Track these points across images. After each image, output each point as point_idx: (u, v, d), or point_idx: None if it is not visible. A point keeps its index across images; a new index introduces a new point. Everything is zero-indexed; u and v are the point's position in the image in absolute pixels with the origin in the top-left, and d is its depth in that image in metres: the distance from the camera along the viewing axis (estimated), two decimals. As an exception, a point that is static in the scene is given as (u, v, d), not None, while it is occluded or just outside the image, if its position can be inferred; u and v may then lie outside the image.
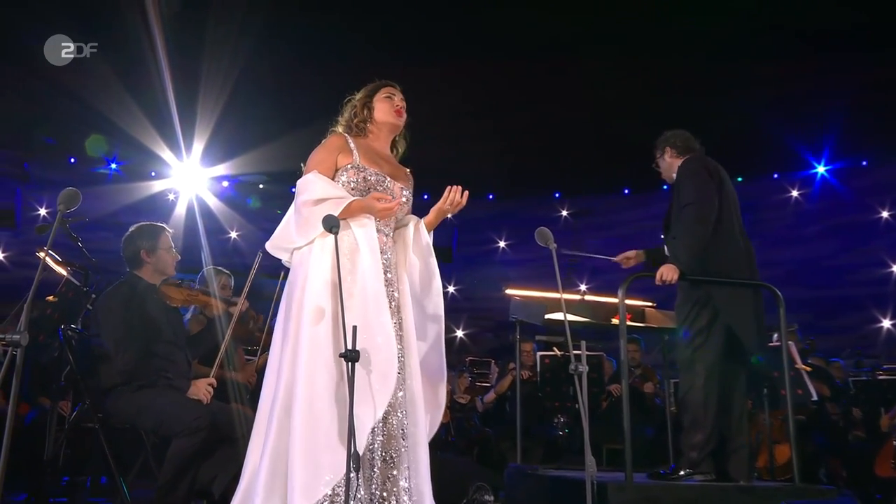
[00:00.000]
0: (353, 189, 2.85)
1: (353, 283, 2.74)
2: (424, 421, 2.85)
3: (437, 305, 2.99)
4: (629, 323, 4.48)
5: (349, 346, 2.44)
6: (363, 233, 2.80)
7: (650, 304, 4.76)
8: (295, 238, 2.82)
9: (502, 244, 12.62)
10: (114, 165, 11.30)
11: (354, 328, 2.47)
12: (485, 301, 11.67)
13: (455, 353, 10.81)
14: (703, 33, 8.58)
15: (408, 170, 3.16)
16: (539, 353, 5.66)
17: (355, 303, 2.70)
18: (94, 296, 3.94)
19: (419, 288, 2.97)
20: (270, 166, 10.96)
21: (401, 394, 2.76)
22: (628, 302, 4.80)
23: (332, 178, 2.87)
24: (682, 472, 3.72)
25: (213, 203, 11.58)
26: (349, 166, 2.88)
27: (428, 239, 3.02)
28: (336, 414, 2.56)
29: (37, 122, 10.39)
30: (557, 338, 5.48)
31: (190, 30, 8.98)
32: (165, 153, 10.91)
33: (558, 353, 5.53)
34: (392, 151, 3.16)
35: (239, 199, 12.06)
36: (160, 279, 3.79)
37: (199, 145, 10.85)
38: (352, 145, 2.93)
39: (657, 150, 4.29)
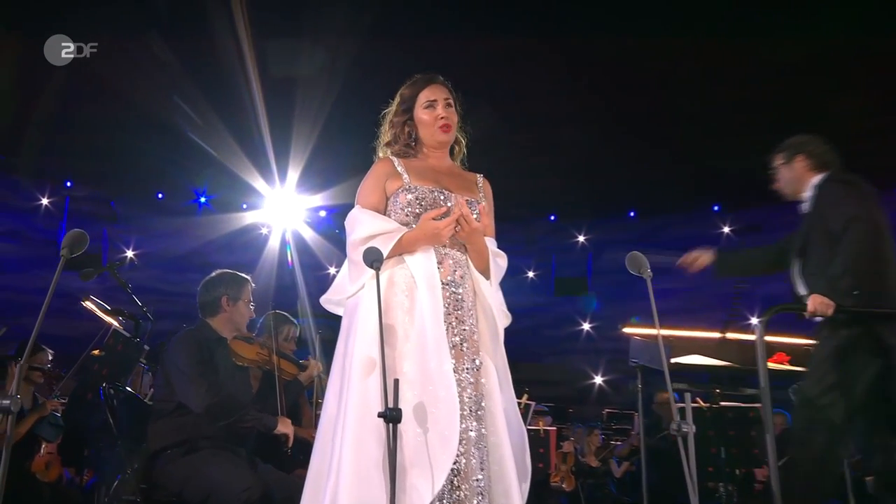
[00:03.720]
0: (408, 215, 2.80)
1: (411, 324, 2.66)
2: (518, 489, 2.71)
3: (503, 354, 2.86)
4: (787, 367, 4.14)
5: (390, 404, 2.36)
6: (420, 265, 2.72)
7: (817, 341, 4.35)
8: (348, 287, 2.79)
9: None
10: (203, 199, 12.00)
11: (396, 382, 2.39)
12: (630, 341, 11.27)
13: (592, 405, 10.50)
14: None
15: (479, 176, 3.04)
16: (677, 406, 5.31)
17: (412, 348, 2.63)
18: (146, 348, 4.09)
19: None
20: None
21: (475, 452, 2.64)
22: (786, 340, 4.46)
23: (385, 208, 2.84)
24: None
25: (310, 236, 11.98)
26: (400, 190, 2.81)
27: (475, 272, 2.89)
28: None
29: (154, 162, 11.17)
30: (699, 386, 5.13)
31: (284, 52, 9.48)
32: (258, 182, 11.45)
33: (702, 404, 5.18)
34: (453, 154, 3.08)
35: (339, 230, 12.41)
36: (232, 333, 3.91)
37: (293, 173, 11.31)
38: (399, 168, 2.87)
39: (781, 155, 4.04)
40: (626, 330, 4.55)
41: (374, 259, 2.55)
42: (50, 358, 4.79)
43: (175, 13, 9.31)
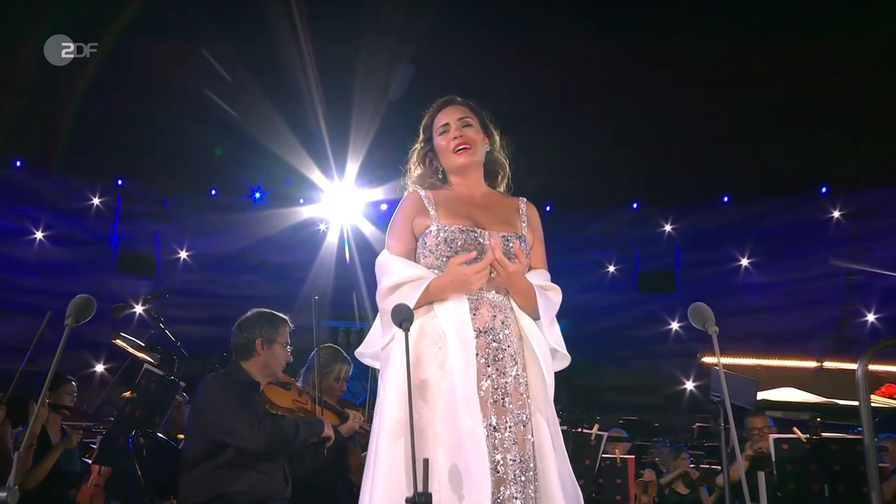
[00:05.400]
0: (438, 258, 2.70)
1: (441, 380, 2.59)
2: None
3: (552, 406, 2.74)
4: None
5: (420, 487, 2.27)
6: (449, 314, 2.62)
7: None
8: (378, 340, 2.75)
9: (745, 262, 11.80)
10: (258, 195, 12.16)
11: (426, 462, 2.29)
12: (724, 340, 10.94)
13: (682, 413, 10.22)
14: None
15: (522, 201, 2.92)
16: (773, 437, 5.06)
17: (443, 406, 2.55)
18: (182, 384, 4.10)
19: None
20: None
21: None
22: (897, 369, 4.20)
23: (414, 248, 2.78)
24: None
25: (370, 231, 11.98)
26: (428, 231, 2.74)
27: (521, 315, 2.77)
28: None
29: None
30: (798, 415, 4.89)
31: (342, 42, 9.53)
32: (315, 175, 11.51)
33: (801, 436, 4.92)
34: (497, 180, 2.97)
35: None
36: (267, 379, 3.89)
37: (352, 165, 11.33)
38: (428, 203, 2.78)
39: None
40: (706, 360, 4.35)
41: (403, 319, 2.45)
42: (75, 387, 4.80)
43: (231, 4, 9.45)
